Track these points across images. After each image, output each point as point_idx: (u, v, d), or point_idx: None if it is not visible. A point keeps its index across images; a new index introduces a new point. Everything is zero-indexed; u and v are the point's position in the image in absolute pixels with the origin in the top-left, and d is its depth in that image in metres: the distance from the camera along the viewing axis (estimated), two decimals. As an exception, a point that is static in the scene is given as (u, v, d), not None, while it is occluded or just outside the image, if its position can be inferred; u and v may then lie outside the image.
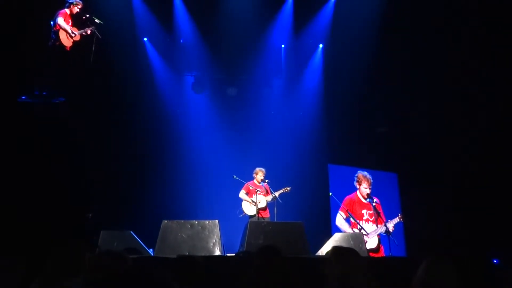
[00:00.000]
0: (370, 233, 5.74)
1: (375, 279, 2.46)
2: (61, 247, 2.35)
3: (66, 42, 7.17)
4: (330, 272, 2.48)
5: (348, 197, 6.04)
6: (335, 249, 2.67)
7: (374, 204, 5.87)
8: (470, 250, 7.10)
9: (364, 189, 5.91)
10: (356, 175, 6.07)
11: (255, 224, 5.82)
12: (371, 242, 5.73)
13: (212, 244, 5.07)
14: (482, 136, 8.02)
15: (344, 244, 5.05)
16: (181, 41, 9.71)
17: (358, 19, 9.05)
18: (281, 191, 7.67)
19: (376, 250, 5.75)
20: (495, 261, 6.63)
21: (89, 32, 7.32)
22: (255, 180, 7.86)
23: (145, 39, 9.55)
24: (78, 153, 7.46)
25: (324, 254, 5.06)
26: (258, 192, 7.58)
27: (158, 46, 9.66)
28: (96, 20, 7.41)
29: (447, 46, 8.38)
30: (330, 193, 6.86)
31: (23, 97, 7.14)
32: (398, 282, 3.90)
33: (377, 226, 5.79)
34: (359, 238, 5.27)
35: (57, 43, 7.09)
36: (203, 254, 4.80)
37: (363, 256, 3.58)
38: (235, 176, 7.75)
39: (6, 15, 7.08)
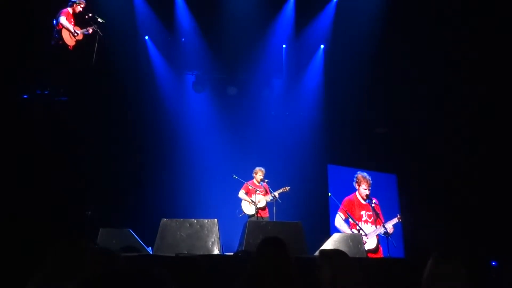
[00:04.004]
0: (369, 234, 5.76)
1: (366, 279, 2.47)
2: (63, 245, 2.35)
3: (69, 41, 7.19)
4: (320, 275, 2.49)
5: (347, 198, 6.06)
6: (322, 252, 2.68)
7: (373, 205, 5.89)
8: (469, 251, 7.11)
9: (363, 190, 5.93)
10: (355, 175, 6.09)
11: (254, 223, 5.83)
12: (370, 243, 5.75)
13: (211, 243, 5.09)
14: (482, 137, 8.03)
15: (342, 245, 5.07)
16: (182, 40, 9.71)
17: (360, 20, 9.05)
18: (280, 190, 7.67)
19: (374, 250, 5.78)
20: (493, 263, 6.65)
21: (90, 31, 7.34)
22: (254, 180, 7.86)
23: (147, 37, 9.56)
24: (78, 151, 7.47)
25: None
26: (258, 192, 7.59)
27: (159, 45, 9.66)
28: (99, 20, 7.42)
29: (448, 48, 8.39)
30: (329, 194, 6.87)
31: (25, 96, 7.16)
32: (396, 284, 3.92)
33: (376, 227, 5.81)
34: (357, 239, 5.28)
35: (60, 42, 7.12)
36: (201, 253, 4.81)
37: (353, 257, 3.60)
38: (234, 176, 7.75)
39: (8, 13, 7.09)
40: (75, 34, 7.21)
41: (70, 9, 7.27)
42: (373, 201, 5.94)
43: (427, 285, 2.24)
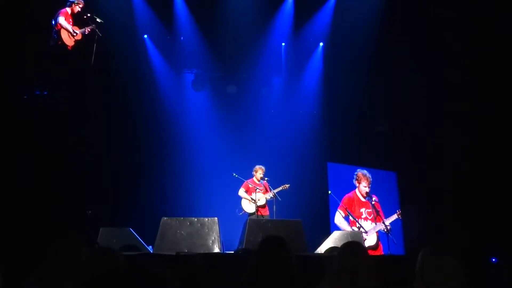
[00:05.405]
0: (368, 231, 5.78)
1: (378, 276, 2.48)
2: (58, 243, 2.36)
3: (68, 41, 7.17)
4: (339, 267, 2.49)
5: (347, 195, 6.08)
6: (346, 244, 2.70)
7: (373, 202, 5.90)
8: (469, 248, 7.11)
9: (363, 187, 5.95)
10: (355, 173, 6.12)
11: (254, 221, 5.85)
12: (370, 240, 5.77)
13: (211, 241, 5.09)
14: (481, 135, 8.03)
15: (342, 242, 5.07)
16: (181, 38, 9.71)
17: (359, 17, 9.04)
18: (280, 188, 7.69)
19: (374, 247, 5.80)
20: (493, 259, 6.66)
21: (88, 30, 7.31)
22: (254, 178, 7.87)
23: (145, 36, 9.55)
24: (78, 150, 7.47)
25: (323, 252, 5.08)
26: (258, 190, 7.59)
27: (158, 44, 9.65)
28: (97, 20, 7.40)
29: (447, 45, 8.38)
30: (329, 191, 6.90)
31: (25, 97, 7.15)
32: (397, 280, 3.92)
33: (375, 224, 5.82)
34: (358, 236, 5.30)
35: (59, 42, 7.09)
36: (202, 252, 4.82)
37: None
38: (234, 174, 7.76)
39: (7, 14, 7.07)
40: (74, 34, 7.20)
41: (68, 9, 7.24)
42: (373, 198, 5.95)
43: (419, 277, 2.27)
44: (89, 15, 7.37)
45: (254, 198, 7.60)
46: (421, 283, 2.23)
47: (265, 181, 7.75)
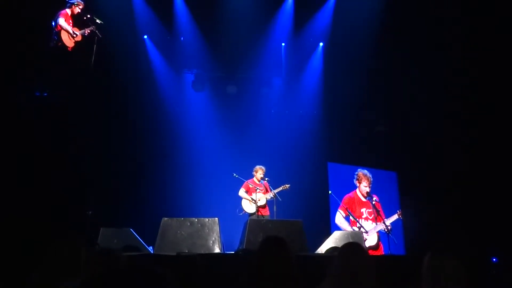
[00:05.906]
0: (369, 231, 5.77)
1: (379, 276, 2.48)
2: (58, 243, 2.36)
3: (68, 42, 7.15)
4: (340, 268, 2.48)
5: (347, 195, 6.07)
6: (346, 245, 2.69)
7: (373, 202, 5.89)
8: (469, 248, 7.12)
9: (364, 187, 5.93)
10: (356, 173, 6.10)
11: (254, 222, 5.85)
12: (371, 240, 5.76)
13: (211, 242, 5.09)
14: (481, 134, 8.04)
15: (343, 242, 5.06)
16: (181, 39, 9.70)
17: (359, 17, 9.04)
18: (280, 188, 7.68)
19: (375, 247, 5.79)
20: (494, 259, 6.67)
21: (89, 31, 7.30)
22: (254, 178, 7.87)
23: (145, 37, 9.54)
24: (78, 151, 7.47)
25: (323, 252, 5.08)
26: (258, 190, 7.59)
27: (158, 44, 9.64)
28: (98, 21, 7.39)
29: (447, 45, 8.38)
30: (330, 191, 6.90)
31: (25, 98, 7.15)
32: (397, 280, 3.92)
33: (376, 224, 5.82)
34: (358, 236, 5.29)
35: (59, 44, 7.07)
36: (202, 252, 4.81)
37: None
38: (235, 174, 7.75)
39: (7, 14, 7.06)
40: (74, 36, 7.18)
41: (68, 11, 7.23)
42: (374, 198, 5.94)
43: (425, 278, 2.27)
44: (89, 16, 7.34)
45: (254, 198, 7.60)
46: (428, 286, 2.23)
47: (266, 181, 7.75)
